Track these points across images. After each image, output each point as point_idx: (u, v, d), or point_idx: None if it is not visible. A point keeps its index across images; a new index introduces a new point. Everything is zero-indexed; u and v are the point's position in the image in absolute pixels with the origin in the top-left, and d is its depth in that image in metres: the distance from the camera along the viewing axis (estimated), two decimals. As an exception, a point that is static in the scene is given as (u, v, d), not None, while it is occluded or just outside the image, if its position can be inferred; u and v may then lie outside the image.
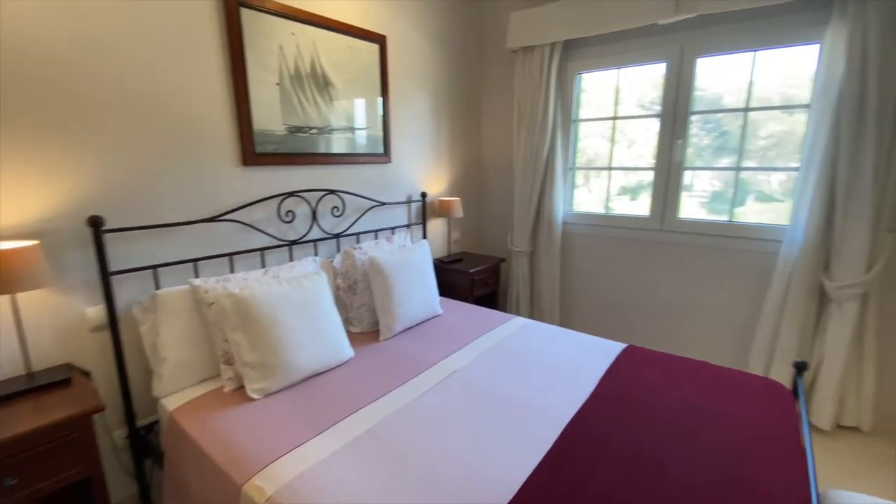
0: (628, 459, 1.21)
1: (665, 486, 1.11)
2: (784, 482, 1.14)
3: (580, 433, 1.33)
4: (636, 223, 2.78)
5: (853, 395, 2.17)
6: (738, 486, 1.12)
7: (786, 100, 2.34)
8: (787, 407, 1.51)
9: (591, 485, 1.11)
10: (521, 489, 1.09)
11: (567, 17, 2.64)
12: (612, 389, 1.59)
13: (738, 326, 2.52)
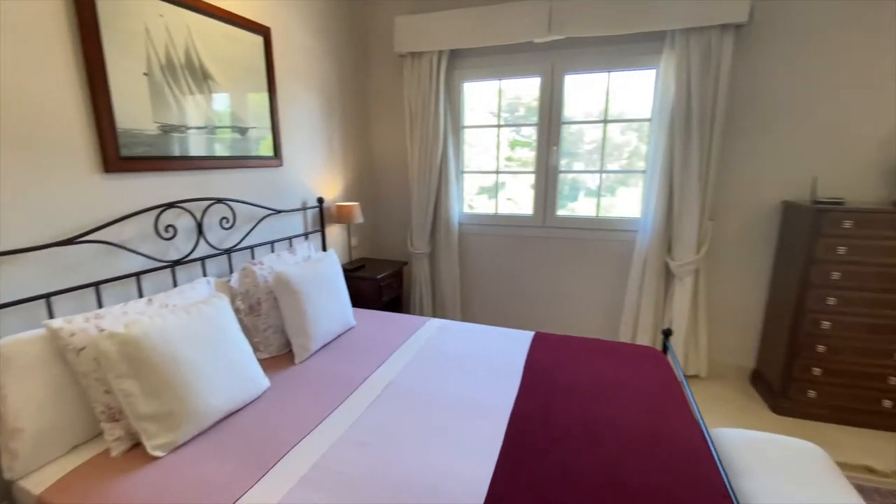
0: (570, 435, 1.34)
1: (605, 449, 1.27)
2: (685, 425, 1.39)
3: (524, 421, 1.42)
4: (523, 221, 3.06)
5: (693, 350, 2.74)
6: (656, 434, 1.33)
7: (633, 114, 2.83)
8: (664, 366, 1.84)
9: (549, 465, 1.20)
10: (490, 486, 1.12)
11: (452, 28, 2.75)
12: (536, 374, 1.73)
13: (608, 305, 2.96)
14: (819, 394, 2.31)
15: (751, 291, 2.69)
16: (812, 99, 2.40)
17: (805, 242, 2.24)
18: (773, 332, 2.54)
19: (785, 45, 2.39)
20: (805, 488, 1.20)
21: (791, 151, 2.48)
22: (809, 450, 1.40)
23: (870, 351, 2.20)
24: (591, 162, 2.91)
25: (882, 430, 2.23)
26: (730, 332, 2.77)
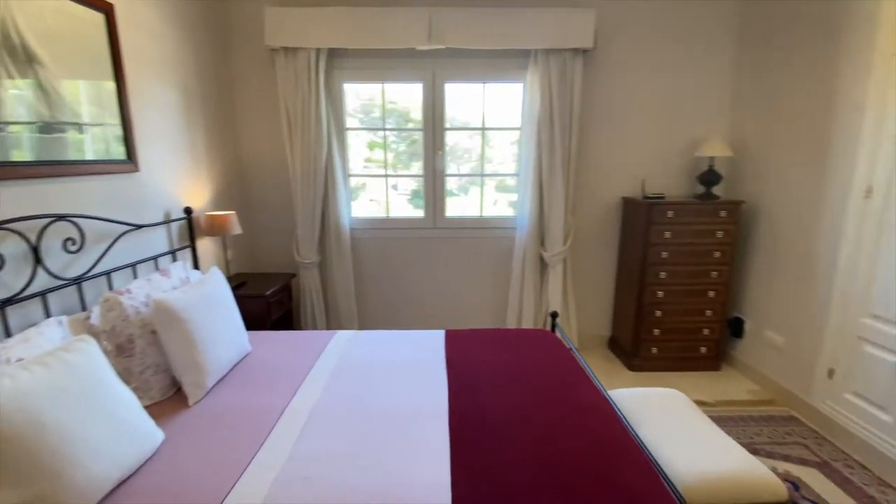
0: (507, 422, 1.44)
1: (538, 426, 1.40)
2: (589, 391, 1.62)
3: (462, 417, 1.47)
4: (414, 223, 3.12)
5: (566, 326, 3.17)
6: (574, 404, 1.53)
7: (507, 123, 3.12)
8: (558, 343, 2.10)
9: (498, 453, 1.28)
10: (453, 487, 1.14)
11: (331, 25, 2.64)
12: (459, 369, 1.81)
13: (495, 296, 3.22)
14: (659, 349, 2.91)
15: (604, 273, 3.23)
16: (638, 114, 2.99)
17: (641, 230, 2.79)
18: (623, 304, 3.10)
19: (618, 69, 2.92)
20: (685, 426, 1.52)
21: (627, 157, 3.05)
22: (674, 395, 1.77)
23: (690, 311, 2.85)
24: (463, 164, 3.12)
25: (702, 371, 2.92)
26: (591, 308, 3.28)
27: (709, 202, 2.73)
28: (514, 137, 3.11)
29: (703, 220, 2.73)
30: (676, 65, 2.92)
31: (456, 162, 3.14)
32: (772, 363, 2.64)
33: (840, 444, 2.14)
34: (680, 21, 2.86)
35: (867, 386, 2.04)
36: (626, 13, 2.84)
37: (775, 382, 2.59)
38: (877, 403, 1.99)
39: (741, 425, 2.31)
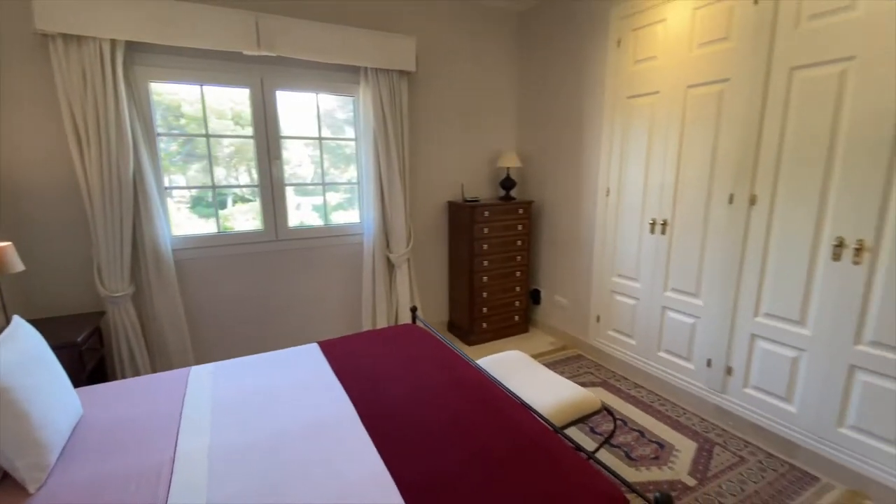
0: (413, 407, 1.65)
1: (439, 403, 1.65)
2: (463, 366, 1.97)
3: (374, 415, 1.60)
4: (253, 237, 2.92)
5: (414, 319, 3.51)
6: (457, 378, 1.83)
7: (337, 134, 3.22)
8: (425, 333, 2.40)
9: (422, 432, 1.48)
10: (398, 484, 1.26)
11: (128, 13, 2.25)
12: (351, 375, 1.90)
13: (348, 302, 3.32)
14: (488, 324, 3.54)
15: (439, 267, 3.70)
16: (454, 129, 3.52)
17: (467, 228, 3.34)
18: (457, 291, 3.63)
19: (435, 89, 3.38)
20: (532, 374, 2.02)
21: (448, 166, 3.56)
22: (518, 355, 2.29)
23: (505, 289, 3.56)
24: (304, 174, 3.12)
25: (517, 335, 3.69)
26: (432, 298, 3.71)
27: (510, 203, 3.47)
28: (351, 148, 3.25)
29: (508, 216, 3.45)
30: (479, 88, 3.56)
31: (294, 170, 3.08)
32: (561, 319, 3.56)
33: (610, 366, 3.10)
34: (477, 51, 3.50)
35: (619, 323, 3.02)
36: (439, 41, 3.31)
37: (565, 333, 3.51)
38: (626, 332, 2.98)
39: (551, 369, 3.07)
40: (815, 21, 1.87)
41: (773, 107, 2.03)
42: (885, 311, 1.76)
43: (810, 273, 1.97)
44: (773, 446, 2.18)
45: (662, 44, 2.51)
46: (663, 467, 2.06)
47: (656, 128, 2.61)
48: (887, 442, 1.80)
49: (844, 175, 1.83)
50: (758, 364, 2.22)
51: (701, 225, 2.41)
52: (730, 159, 2.23)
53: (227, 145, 2.83)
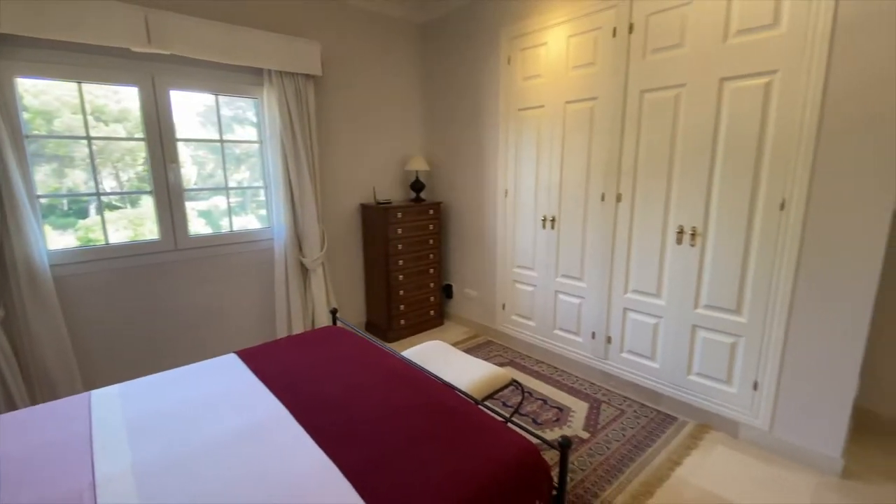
0: (348, 402, 1.74)
1: (373, 395, 1.78)
2: (389, 357, 2.11)
3: (309, 414, 1.67)
4: (149, 248, 2.71)
5: (331, 322, 3.53)
6: (387, 369, 1.97)
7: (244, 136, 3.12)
8: (347, 333, 2.49)
9: (359, 423, 1.59)
10: (337, 463, 1.38)
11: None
12: (279, 380, 1.92)
13: (261, 309, 3.22)
14: (405, 320, 3.70)
15: (355, 268, 3.76)
16: (364, 132, 3.61)
17: (381, 229, 3.46)
18: (374, 291, 3.72)
19: (343, 93, 3.44)
20: (453, 359, 2.24)
21: (360, 169, 3.64)
22: (438, 343, 2.49)
23: (420, 286, 3.76)
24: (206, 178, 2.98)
25: (433, 328, 3.91)
26: (349, 300, 3.75)
27: (421, 204, 3.67)
28: (255, 150, 3.16)
29: (420, 217, 3.64)
30: (387, 94, 3.70)
31: (197, 174, 2.91)
32: (472, 310, 3.86)
33: (516, 347, 3.47)
34: (384, 59, 3.63)
35: (521, 308, 3.40)
36: (345, 47, 3.37)
37: (476, 322, 3.82)
38: (527, 316, 3.36)
39: (467, 356, 3.35)
40: (656, 54, 2.36)
41: (630, 122, 2.51)
42: (712, 281, 2.30)
43: (662, 255, 2.48)
44: (644, 397, 2.68)
45: (545, 64, 2.90)
46: (563, 426, 2.42)
47: (543, 137, 3.00)
48: (722, 382, 2.35)
49: (680, 177, 2.35)
50: (629, 332, 2.71)
51: (581, 220, 2.85)
52: (600, 164, 2.69)
53: (101, 146, 2.56)
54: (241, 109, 3.08)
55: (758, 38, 2.01)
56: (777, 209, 2.04)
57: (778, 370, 2.12)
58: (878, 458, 2.13)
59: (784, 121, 1.97)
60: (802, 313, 2.02)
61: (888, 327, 2.26)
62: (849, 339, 1.91)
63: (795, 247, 2.00)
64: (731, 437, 2.33)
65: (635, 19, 2.40)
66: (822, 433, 2.03)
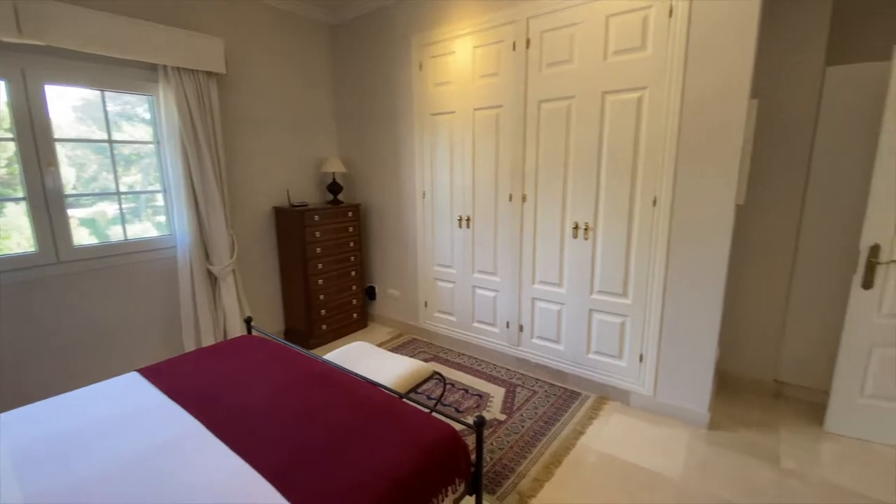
0: (272, 413, 1.72)
1: (295, 399, 1.78)
2: (311, 361, 2.11)
3: (225, 425, 1.62)
4: (23, 262, 2.39)
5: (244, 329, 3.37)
6: (308, 373, 1.97)
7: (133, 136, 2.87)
8: (264, 341, 2.42)
9: (279, 427, 1.58)
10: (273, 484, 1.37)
11: None
12: (190, 395, 1.83)
13: (165, 322, 2.99)
14: (327, 325, 3.66)
15: (270, 274, 3.63)
16: (275, 133, 3.50)
17: (298, 233, 3.39)
18: (292, 297, 3.63)
19: (252, 93, 3.31)
20: (377, 358, 2.29)
21: (272, 171, 3.52)
22: (362, 344, 2.52)
23: (342, 289, 3.74)
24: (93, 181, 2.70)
25: (357, 331, 3.90)
26: (265, 308, 3.61)
27: (339, 206, 3.65)
28: (149, 151, 2.92)
29: (338, 220, 3.62)
30: (299, 95, 3.62)
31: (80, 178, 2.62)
32: (395, 309, 3.92)
33: (439, 343, 3.60)
34: (295, 59, 3.55)
35: (442, 304, 3.54)
36: (252, 45, 3.25)
37: (400, 321, 3.89)
38: (448, 312, 3.51)
39: (391, 355, 3.41)
40: (551, 68, 2.62)
41: (531, 129, 2.75)
42: (603, 270, 2.61)
43: (561, 248, 2.76)
44: (552, 378, 2.96)
45: (454, 72, 3.06)
46: (483, 411, 2.59)
47: (455, 141, 3.16)
48: (615, 357, 2.68)
49: (574, 178, 2.63)
50: (538, 319, 2.97)
51: (493, 219, 3.06)
52: (507, 167, 2.91)
53: None
54: (130, 105, 2.83)
55: (630, 59, 2.33)
56: (651, 205, 2.39)
57: (657, 343, 2.48)
58: (735, 410, 2.59)
59: (653, 130, 2.32)
60: (674, 293, 2.39)
61: (737, 302, 2.74)
62: (708, 313, 2.30)
63: (666, 237, 2.35)
64: (625, 404, 2.66)
65: (531, 35, 2.65)
66: (693, 394, 2.42)
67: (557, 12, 2.52)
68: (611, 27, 2.37)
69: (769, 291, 2.67)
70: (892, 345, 2.17)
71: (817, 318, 2.57)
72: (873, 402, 2.25)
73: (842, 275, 2.44)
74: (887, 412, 2.22)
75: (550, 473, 2.08)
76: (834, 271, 2.48)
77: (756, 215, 2.63)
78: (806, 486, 1.98)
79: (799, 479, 2.02)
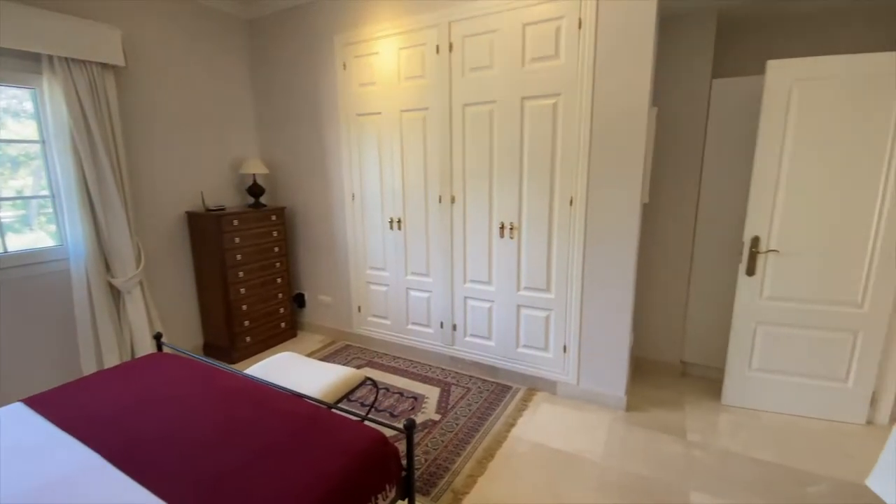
0: (186, 436, 1.58)
1: (213, 422, 1.65)
2: (229, 377, 1.98)
3: (137, 459, 1.47)
4: None
5: (159, 349, 3.08)
6: (225, 390, 1.85)
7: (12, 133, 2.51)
8: (175, 358, 2.23)
9: (195, 458, 1.46)
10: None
11: None
12: (91, 429, 1.64)
13: (60, 344, 2.64)
14: (252, 337, 3.45)
15: (185, 285, 3.35)
16: (187, 131, 3.24)
17: (215, 239, 3.17)
18: (211, 308, 3.38)
19: (158, 88, 3.03)
20: (304, 368, 2.20)
21: (183, 172, 3.25)
22: (288, 355, 2.41)
23: (267, 298, 3.55)
24: None
25: (286, 341, 3.73)
26: (180, 322, 3.33)
27: (261, 210, 3.46)
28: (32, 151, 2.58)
29: (260, 224, 3.44)
30: (213, 91, 3.38)
31: None
32: (327, 316, 3.80)
33: (374, 348, 3.54)
34: (207, 53, 3.31)
35: (376, 308, 3.49)
36: (157, 36, 2.98)
37: (332, 328, 3.78)
38: (382, 315, 3.47)
39: (323, 363, 3.30)
40: (473, 73, 2.69)
41: (457, 132, 2.80)
42: (528, 266, 2.73)
43: (490, 248, 2.84)
44: (485, 374, 3.03)
45: (379, 73, 3.03)
46: (418, 414, 2.58)
47: (383, 142, 3.13)
48: (541, 349, 2.80)
49: (499, 180, 2.72)
50: (470, 317, 3.03)
51: (424, 220, 3.07)
52: (436, 169, 2.94)
53: None
54: (17, 99, 2.48)
55: (546, 66, 2.46)
56: (568, 205, 2.53)
57: (578, 334, 2.64)
58: (648, 391, 2.82)
59: (568, 134, 2.46)
60: (591, 286, 2.55)
61: (647, 292, 3.00)
62: (622, 303, 2.49)
63: (582, 234, 2.51)
64: (552, 394, 2.80)
65: (454, 40, 2.70)
66: (612, 380, 2.60)
67: (477, 18, 2.59)
68: (527, 35, 2.48)
69: (673, 281, 2.94)
70: (773, 323, 2.49)
71: (713, 303, 2.88)
72: (759, 374, 2.56)
73: (731, 264, 2.75)
74: (770, 384, 2.55)
75: (483, 468, 2.13)
76: (725, 261, 2.80)
77: (660, 213, 2.90)
78: (707, 454, 2.21)
79: (702, 449, 2.25)
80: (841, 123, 2.20)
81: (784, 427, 2.43)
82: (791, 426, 2.43)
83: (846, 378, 2.41)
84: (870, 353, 2.34)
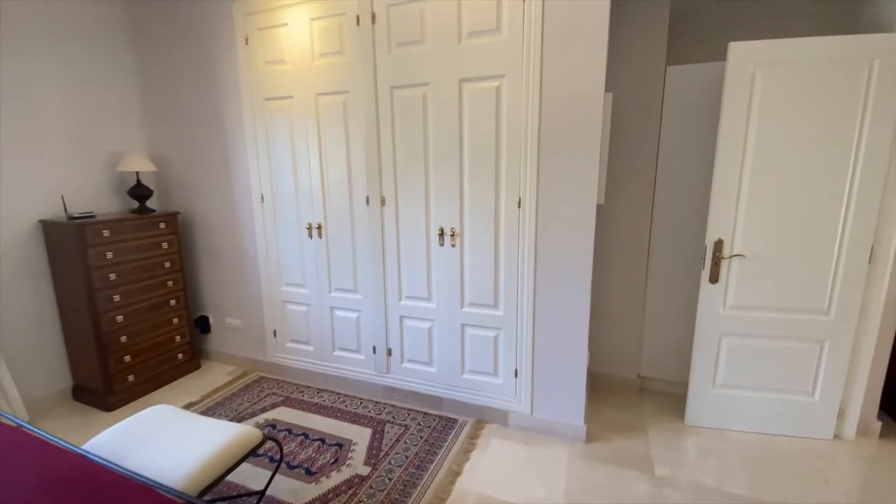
0: None
1: None
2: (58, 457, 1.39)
3: None
4: None
5: None
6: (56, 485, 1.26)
7: None
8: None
9: None
10: None
11: None
12: None
13: None
14: (136, 374, 2.76)
15: (41, 315, 2.60)
16: (42, 125, 2.50)
17: (76, 254, 2.46)
18: (78, 343, 2.65)
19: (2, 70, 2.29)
20: (177, 431, 1.63)
21: (35, 173, 2.51)
22: (160, 409, 1.82)
23: (157, 325, 2.87)
24: None
25: (185, 375, 3.06)
26: (39, 362, 2.58)
27: (145, 216, 2.78)
28: None
29: (144, 234, 2.76)
30: (80, 76, 2.65)
31: None
32: (237, 343, 3.18)
33: (293, 379, 2.97)
34: (70, 30, 2.58)
35: (295, 332, 2.93)
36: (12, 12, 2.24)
37: (244, 357, 3.16)
38: (303, 340, 2.91)
39: (229, 403, 2.68)
40: (401, 49, 2.24)
41: (384, 119, 2.34)
42: (473, 279, 2.32)
43: (428, 257, 2.40)
44: (426, 405, 2.59)
45: (289, 49, 2.50)
46: (342, 468, 2.08)
47: (297, 132, 2.60)
48: (490, 375, 2.41)
49: (436, 177, 2.29)
50: (408, 340, 2.58)
51: (349, 226, 2.58)
52: (361, 164, 2.45)
53: None
54: None
55: (486, 42, 2.06)
56: (516, 207, 2.15)
57: (531, 356, 2.27)
58: (607, 414, 2.52)
59: (513, 125, 2.08)
60: (543, 300, 2.19)
61: (601, 302, 2.70)
62: (578, 319, 2.15)
63: (532, 241, 2.14)
64: (503, 426, 2.41)
65: (377, 9, 2.23)
66: (568, 408, 2.25)
67: (404, -18, 2.14)
68: (463, 6, 2.07)
69: (629, 290, 2.67)
70: (737, 334, 2.26)
71: (671, 313, 2.63)
72: (724, 391, 2.33)
73: (689, 271, 2.52)
74: (736, 400, 2.32)
75: (422, 541, 1.68)
76: (683, 267, 2.56)
77: (614, 216, 2.61)
78: (678, 492, 1.91)
79: (672, 486, 1.95)
80: (807, 114, 1.99)
81: (753, 448, 2.20)
82: (760, 447, 2.21)
83: (812, 391, 2.23)
84: (836, 364, 2.17)
